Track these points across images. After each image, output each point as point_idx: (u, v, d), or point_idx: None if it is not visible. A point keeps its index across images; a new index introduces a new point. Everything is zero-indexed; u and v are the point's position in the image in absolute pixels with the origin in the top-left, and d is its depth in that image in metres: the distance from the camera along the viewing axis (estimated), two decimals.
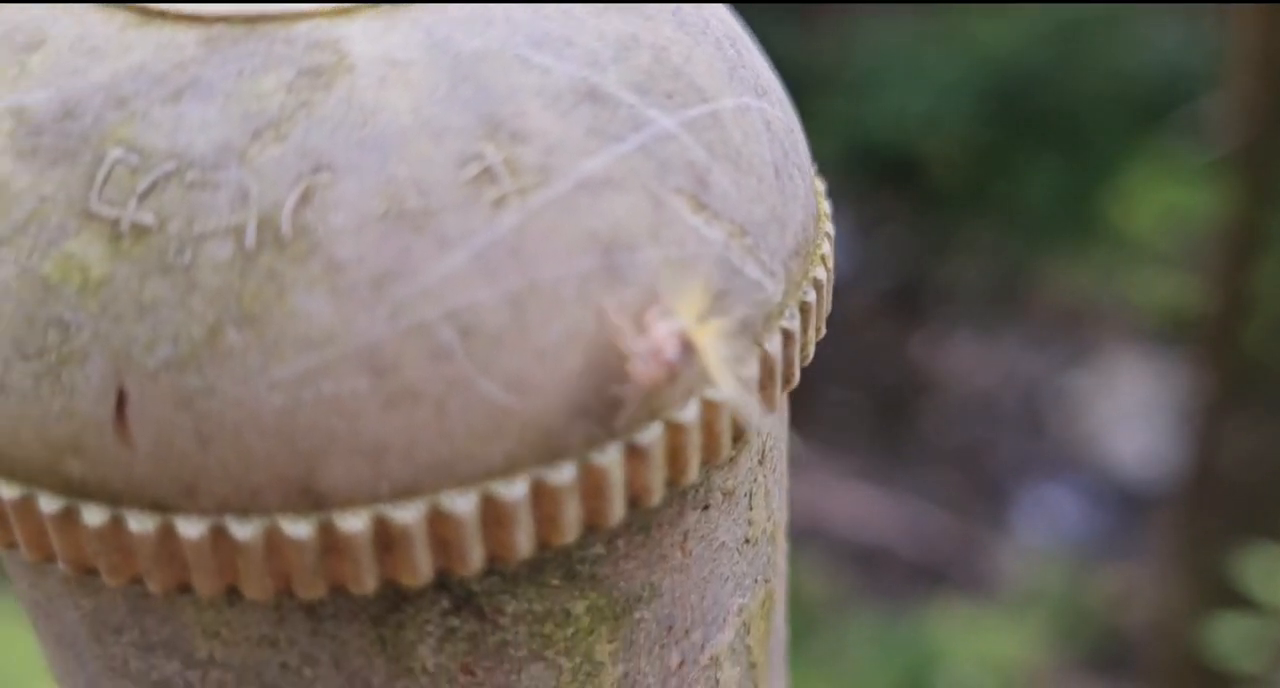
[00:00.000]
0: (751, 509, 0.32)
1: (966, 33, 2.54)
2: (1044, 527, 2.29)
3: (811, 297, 0.30)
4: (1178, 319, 2.12)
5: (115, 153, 0.25)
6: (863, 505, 2.16)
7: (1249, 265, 1.54)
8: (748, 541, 0.32)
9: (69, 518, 0.26)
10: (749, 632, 0.33)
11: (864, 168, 2.50)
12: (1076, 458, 2.41)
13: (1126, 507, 2.32)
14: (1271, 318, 1.58)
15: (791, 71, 0.42)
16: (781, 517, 0.34)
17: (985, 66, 2.48)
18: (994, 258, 2.61)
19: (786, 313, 0.29)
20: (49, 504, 0.26)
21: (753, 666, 0.34)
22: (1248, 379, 1.60)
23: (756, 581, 0.33)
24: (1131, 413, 2.44)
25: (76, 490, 0.26)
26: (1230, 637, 1.33)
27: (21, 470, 0.26)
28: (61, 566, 0.27)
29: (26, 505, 0.26)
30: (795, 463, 0.37)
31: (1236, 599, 1.35)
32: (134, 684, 0.30)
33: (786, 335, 0.29)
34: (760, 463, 0.31)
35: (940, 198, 2.59)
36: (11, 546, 0.27)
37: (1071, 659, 2.05)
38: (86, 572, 0.27)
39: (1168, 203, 2.24)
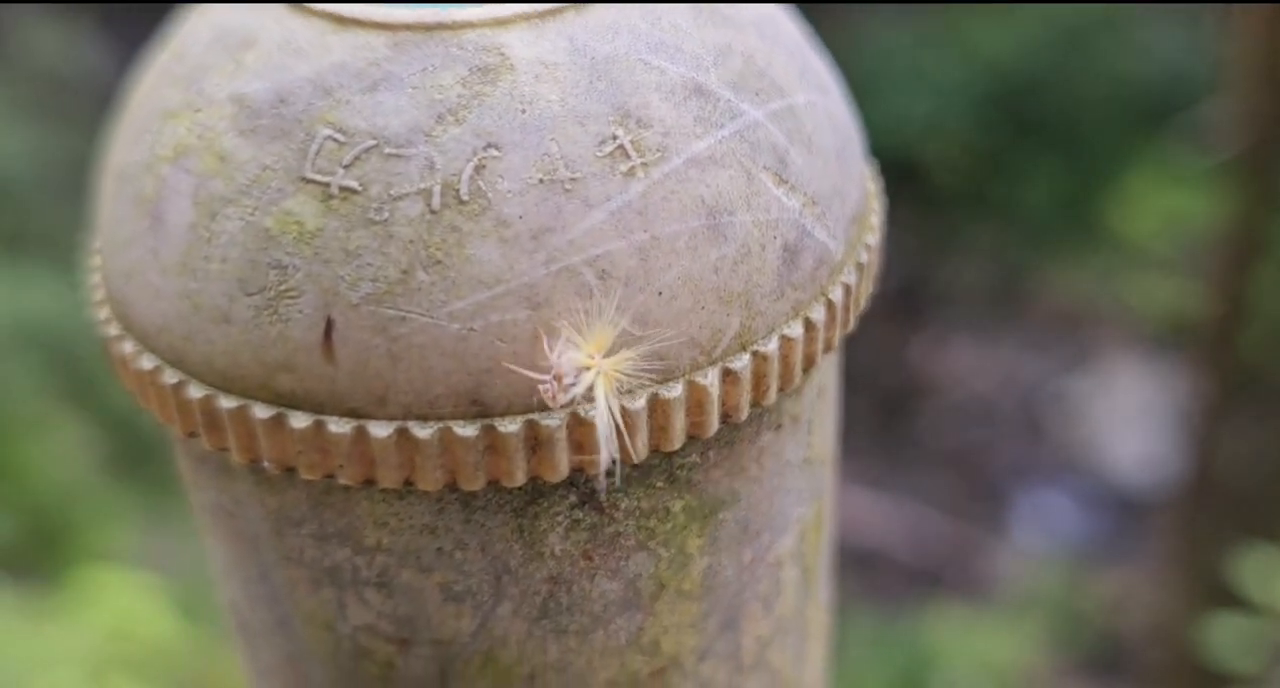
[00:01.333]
0: (811, 434, 0.38)
1: (968, 38, 2.55)
2: (1041, 530, 2.29)
3: (865, 257, 0.36)
4: (1176, 324, 2.12)
5: (324, 132, 0.32)
6: (860, 508, 2.17)
7: (1248, 271, 1.55)
8: (807, 461, 0.38)
9: (278, 423, 0.32)
10: (804, 540, 0.40)
11: None
12: (1074, 462, 2.41)
13: (1123, 511, 2.32)
14: (1269, 323, 1.58)
15: None
16: (831, 446, 0.40)
17: (986, 71, 2.48)
18: (994, 262, 2.61)
19: (846, 269, 0.36)
20: (262, 412, 0.32)
21: (807, 569, 0.41)
22: (1245, 384, 1.60)
23: (813, 496, 0.40)
24: (1129, 417, 2.44)
25: (286, 401, 0.32)
26: (1227, 637, 1.34)
27: (238, 386, 0.33)
28: (266, 464, 0.33)
29: (242, 413, 0.32)
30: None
31: (1233, 602, 1.35)
32: (307, 571, 0.36)
33: (846, 288, 0.35)
34: (819, 397, 0.38)
35: (941, 202, 2.59)
36: (223, 449, 0.34)
37: (1067, 662, 2.05)
38: (286, 470, 0.33)
39: (1167, 208, 2.24)
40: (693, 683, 0.39)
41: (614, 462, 0.32)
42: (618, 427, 0.32)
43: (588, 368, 0.31)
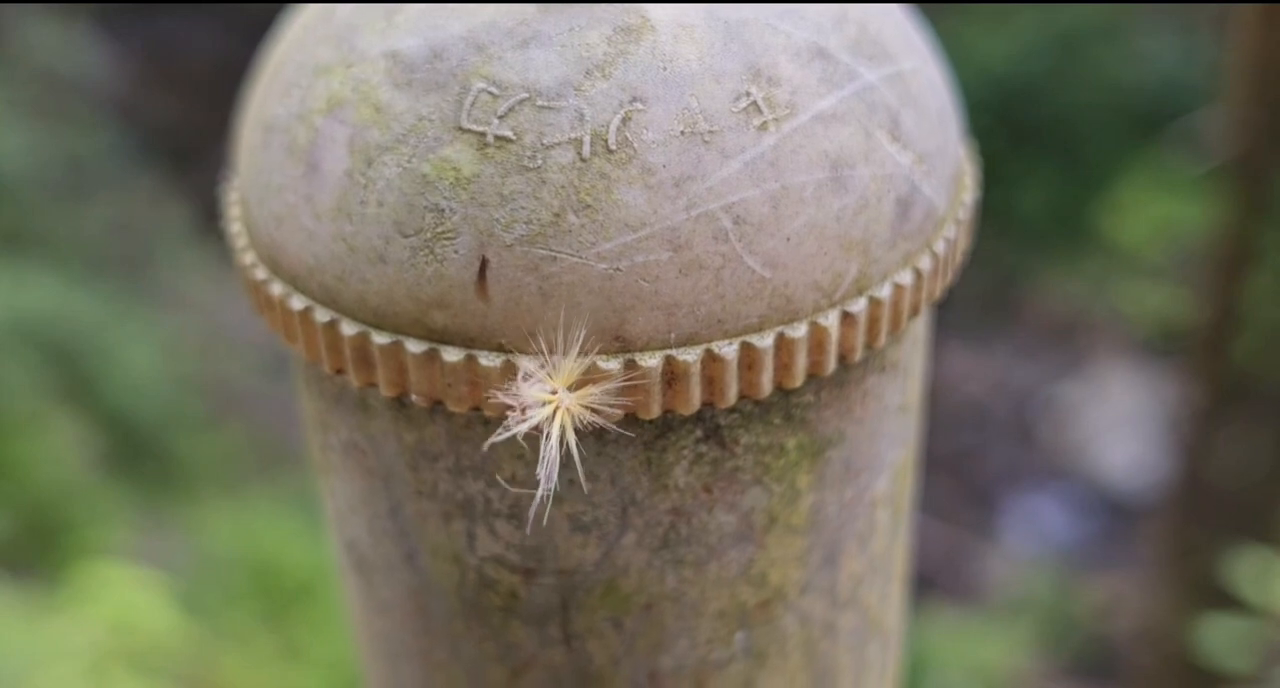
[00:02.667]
0: (906, 382, 0.41)
1: (963, 44, 2.55)
2: (1032, 535, 2.30)
3: (963, 214, 0.39)
4: (1168, 331, 2.13)
5: (479, 85, 0.34)
6: None
7: (1240, 278, 1.55)
8: (902, 407, 0.41)
9: (431, 357, 0.34)
10: (895, 483, 0.42)
11: None
12: (1065, 467, 2.42)
13: (1114, 516, 2.33)
14: (1261, 330, 1.59)
15: None
16: (920, 396, 0.43)
17: (981, 77, 2.49)
18: (987, 268, 2.62)
19: (948, 224, 0.38)
20: (415, 347, 0.34)
21: (897, 512, 0.44)
22: (1236, 390, 1.61)
23: (904, 443, 0.42)
24: (1121, 423, 2.45)
25: (438, 337, 0.34)
26: (1222, 638, 1.34)
27: (391, 323, 0.35)
28: (414, 398, 0.35)
29: (395, 349, 0.35)
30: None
31: (1223, 605, 1.36)
32: (439, 504, 0.38)
33: (947, 241, 0.38)
34: (914, 347, 0.41)
35: None
36: (370, 385, 0.36)
37: (1057, 666, 2.06)
38: (433, 403, 0.35)
39: (1160, 215, 2.25)
40: (794, 616, 0.41)
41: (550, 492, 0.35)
42: (571, 456, 0.34)
43: (548, 403, 0.34)
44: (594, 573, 0.39)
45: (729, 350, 0.34)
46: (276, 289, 0.37)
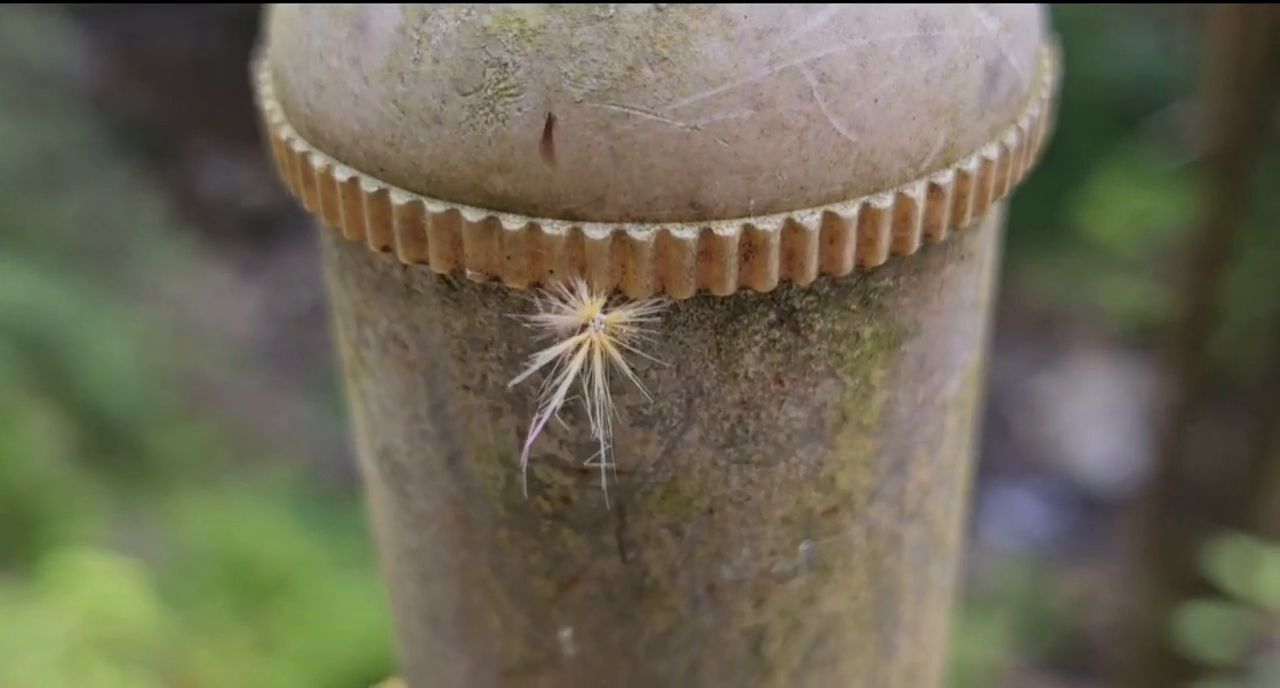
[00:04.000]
0: (981, 276, 0.39)
1: None
2: (1008, 529, 2.31)
3: (1046, 94, 0.37)
4: (1145, 325, 2.14)
5: None
6: None
7: (1216, 273, 1.56)
8: (975, 304, 0.39)
9: (489, 226, 0.32)
10: (965, 388, 0.40)
11: None
12: (1042, 461, 2.43)
13: (1090, 510, 2.33)
14: (1237, 324, 1.60)
15: None
16: (990, 295, 0.41)
17: None
18: None
19: (1032, 102, 0.36)
20: (472, 215, 0.32)
21: (963, 421, 0.42)
22: (1212, 385, 1.62)
23: (975, 344, 0.40)
24: (1097, 417, 2.46)
25: (497, 204, 0.32)
26: (1202, 628, 1.35)
27: (445, 190, 0.32)
28: (469, 273, 0.32)
29: (450, 218, 0.32)
30: None
31: (1199, 597, 1.36)
32: (488, 398, 0.36)
33: (1032, 119, 0.36)
34: (989, 238, 0.39)
35: None
36: (420, 261, 0.33)
37: (1033, 660, 2.06)
38: (490, 279, 0.32)
39: (1138, 210, 2.26)
40: (860, 525, 0.39)
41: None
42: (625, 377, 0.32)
43: (583, 327, 0.32)
44: (654, 474, 0.36)
45: (811, 220, 0.32)
46: (318, 161, 0.34)
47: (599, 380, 0.32)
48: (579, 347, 0.32)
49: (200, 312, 2.51)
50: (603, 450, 0.35)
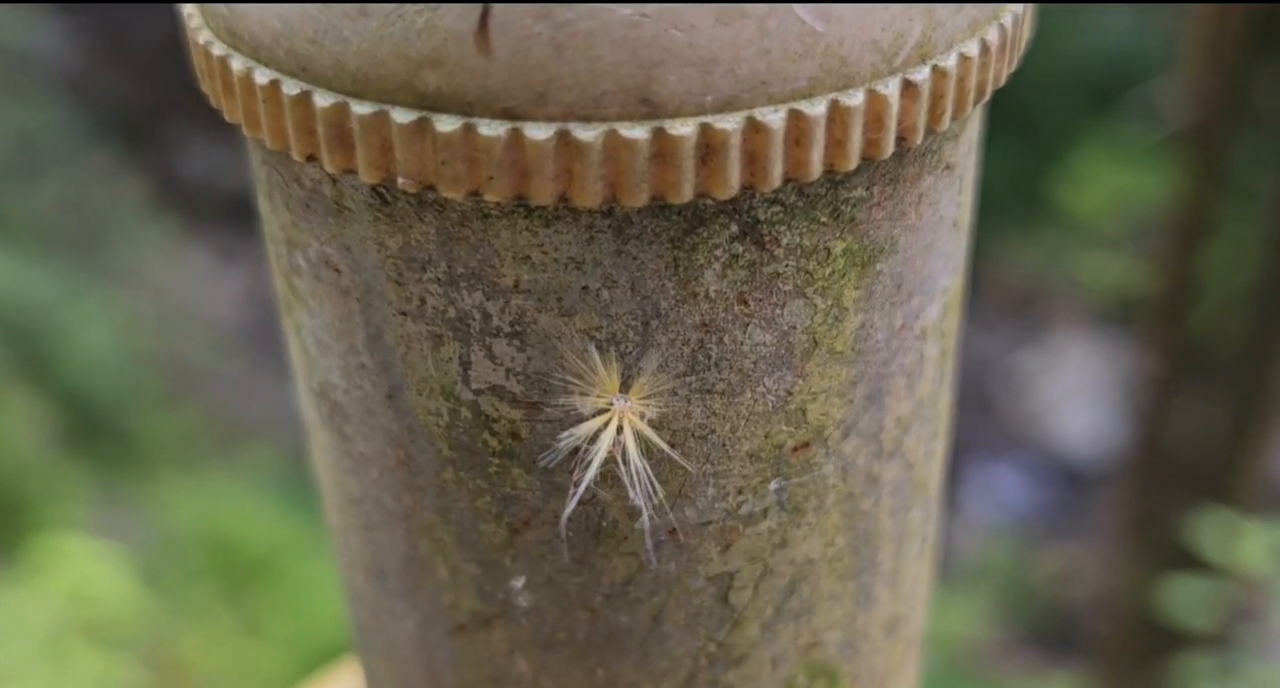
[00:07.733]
0: (961, 193, 0.36)
1: None
2: (990, 504, 2.32)
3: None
4: (1125, 300, 2.15)
5: None
6: None
7: (1195, 248, 1.56)
8: (955, 224, 0.36)
9: (421, 128, 0.29)
10: (946, 316, 0.38)
11: None
12: (1024, 437, 2.44)
13: (1071, 485, 2.34)
14: (1216, 298, 1.60)
15: None
16: (971, 216, 0.39)
17: None
18: None
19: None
20: (402, 116, 0.29)
21: (944, 353, 0.39)
22: (1192, 359, 1.62)
23: (955, 269, 0.38)
24: (1078, 392, 2.46)
25: (430, 104, 0.29)
26: (1185, 599, 1.35)
27: (374, 90, 0.29)
28: (400, 182, 0.29)
29: (378, 120, 0.29)
30: None
31: (1180, 570, 1.37)
32: (427, 325, 0.33)
33: (1015, 17, 0.33)
34: (970, 152, 0.36)
35: None
36: (348, 170, 0.30)
37: (1015, 635, 2.07)
38: (424, 188, 0.29)
39: (1116, 185, 2.26)
40: (834, 463, 0.36)
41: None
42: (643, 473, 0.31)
43: (605, 411, 0.30)
44: None
45: (774, 118, 0.29)
46: (237, 64, 0.31)
47: (634, 457, 0.31)
48: (606, 424, 0.31)
49: (182, 296, 2.51)
50: (645, 517, 0.33)
